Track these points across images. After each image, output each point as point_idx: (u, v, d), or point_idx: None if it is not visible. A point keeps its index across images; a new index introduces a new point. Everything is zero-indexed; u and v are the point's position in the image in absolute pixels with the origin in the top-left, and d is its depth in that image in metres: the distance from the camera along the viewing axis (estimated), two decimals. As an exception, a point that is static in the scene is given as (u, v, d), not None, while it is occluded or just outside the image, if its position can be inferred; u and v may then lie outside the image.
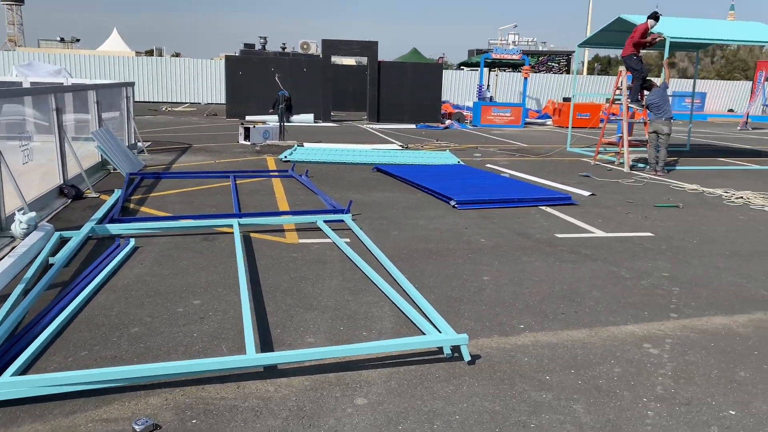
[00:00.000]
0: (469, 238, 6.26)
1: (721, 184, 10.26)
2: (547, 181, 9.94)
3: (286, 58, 24.57)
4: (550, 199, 8.14)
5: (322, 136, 16.54)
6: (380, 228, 6.54)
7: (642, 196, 8.96)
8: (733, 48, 72.92)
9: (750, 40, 12.19)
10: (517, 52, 21.80)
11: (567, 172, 11.16)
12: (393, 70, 22.19)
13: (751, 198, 8.86)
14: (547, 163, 12.28)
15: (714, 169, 12.21)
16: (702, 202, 8.64)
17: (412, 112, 22.25)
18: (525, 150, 14.66)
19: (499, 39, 39.50)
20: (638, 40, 11.28)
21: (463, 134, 18.68)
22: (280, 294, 4.51)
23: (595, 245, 6.15)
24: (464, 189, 8.45)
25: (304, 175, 9.46)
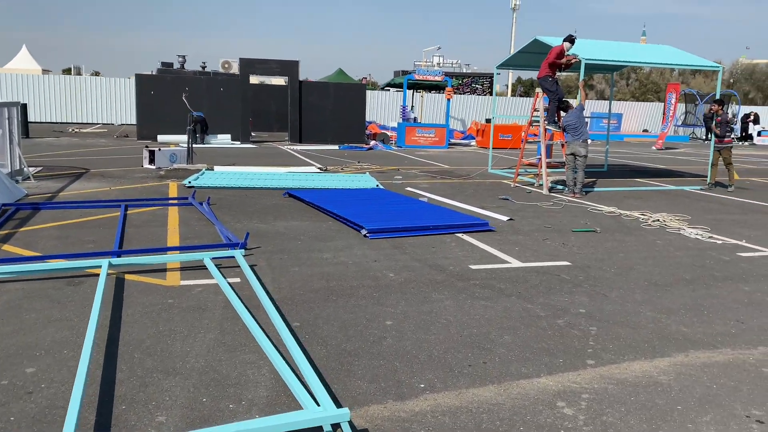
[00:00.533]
0: (376, 273, 5.70)
1: (638, 205, 10.20)
2: (467, 205, 9.58)
3: (202, 78, 23.59)
4: (467, 226, 7.73)
5: (238, 159, 15.71)
6: (279, 264, 5.88)
7: (560, 220, 8.71)
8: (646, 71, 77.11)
9: (660, 62, 12.41)
10: (439, 74, 21.75)
11: (487, 195, 10.87)
12: (315, 90, 21.63)
13: (667, 220, 8.77)
14: (468, 186, 11.97)
15: (631, 190, 12.26)
16: (619, 225, 8.46)
17: (335, 133, 21.75)
18: (447, 172, 14.37)
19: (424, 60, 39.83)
20: (553, 61, 11.21)
21: (386, 155, 18.29)
22: (140, 354, 3.77)
23: (511, 277, 5.72)
24: (378, 216, 7.92)
25: (205, 203, 8.68)
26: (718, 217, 9.36)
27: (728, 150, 12.42)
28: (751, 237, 7.94)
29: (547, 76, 11.37)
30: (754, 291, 5.57)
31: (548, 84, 11.41)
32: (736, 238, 7.81)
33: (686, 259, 6.67)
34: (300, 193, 9.70)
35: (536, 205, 9.90)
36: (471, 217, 8.24)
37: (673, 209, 9.94)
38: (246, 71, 20.83)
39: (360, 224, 7.35)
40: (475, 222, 7.88)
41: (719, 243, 7.52)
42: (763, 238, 7.93)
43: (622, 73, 77.19)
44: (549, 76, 11.37)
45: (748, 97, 62.64)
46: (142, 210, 8.38)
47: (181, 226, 7.42)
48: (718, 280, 5.88)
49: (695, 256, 6.84)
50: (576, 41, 11.35)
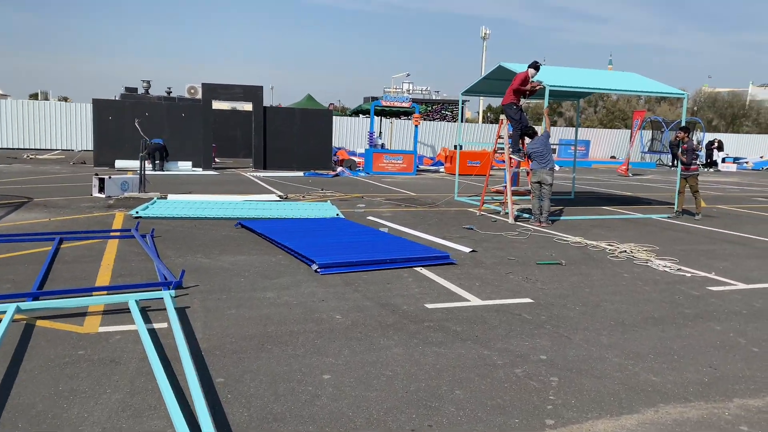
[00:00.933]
0: (322, 314, 5.21)
1: (605, 235, 9.91)
2: (429, 235, 9.16)
3: (163, 103, 23.01)
4: (427, 259, 7.29)
5: (196, 186, 15.13)
6: (214, 305, 5.35)
7: (525, 251, 8.33)
8: (613, 99, 78.68)
9: (626, 89, 12.30)
10: (406, 100, 21.55)
11: (451, 224, 10.48)
12: (280, 116, 21.22)
13: (634, 251, 8.46)
14: (432, 215, 11.58)
15: (598, 218, 12.01)
16: (586, 257, 8.12)
17: (301, 160, 21.30)
18: (412, 200, 13.99)
19: (393, 87, 39.82)
20: (518, 88, 10.98)
21: (352, 182, 17.87)
22: (26, 422, 3.21)
23: (469, 318, 5.28)
24: (333, 248, 7.45)
25: (149, 236, 8.11)
26: (686, 248, 9.10)
27: (694, 178, 12.29)
28: (721, 269, 7.66)
29: (512, 103, 11.12)
30: (726, 330, 5.22)
31: (512, 111, 11.15)
32: (706, 270, 7.51)
33: (655, 295, 6.31)
34: (253, 223, 9.18)
35: (501, 235, 9.53)
36: (432, 249, 7.81)
37: (641, 239, 9.67)
38: (209, 97, 20.34)
39: (311, 258, 6.86)
40: (436, 255, 7.45)
41: (688, 276, 7.21)
42: (733, 270, 7.65)
43: (590, 101, 78.66)
44: (513, 104, 11.13)
45: (712, 125, 64.13)
46: (79, 243, 7.77)
47: (116, 262, 6.84)
48: (689, 319, 5.52)
49: (664, 290, 6.50)
50: (541, 68, 11.16)
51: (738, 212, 13.84)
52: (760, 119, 69.39)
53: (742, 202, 16.02)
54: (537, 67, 11.05)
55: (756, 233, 10.71)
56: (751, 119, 68.99)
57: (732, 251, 8.97)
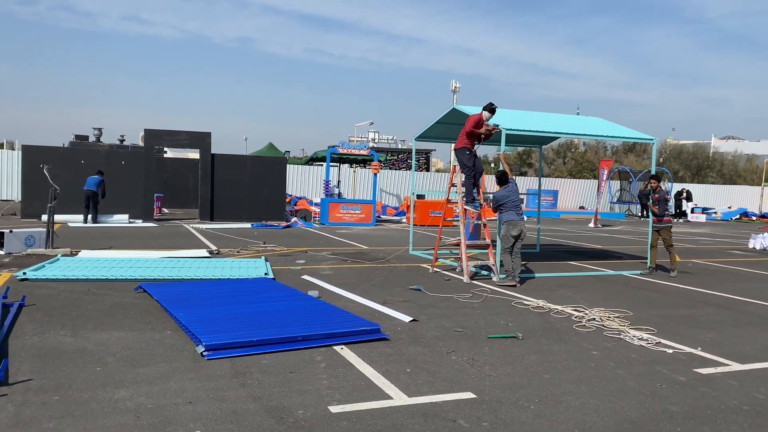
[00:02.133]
0: (177, 428, 3.75)
1: (572, 297, 8.65)
2: (367, 299, 7.78)
3: (101, 150, 21.56)
4: (353, 334, 5.89)
5: (122, 241, 13.58)
6: (32, 414, 3.86)
7: (476, 319, 6.99)
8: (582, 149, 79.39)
9: (590, 134, 11.30)
10: (365, 147, 20.47)
11: (397, 284, 9.13)
12: (230, 164, 19.91)
13: (605, 320, 7.18)
14: (378, 272, 10.22)
15: (565, 276, 10.77)
16: (548, 328, 6.80)
17: (252, 210, 19.91)
18: (361, 254, 12.63)
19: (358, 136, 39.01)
20: (471, 131, 9.87)
21: (303, 234, 16.48)
22: None
23: (385, 428, 3.87)
24: (237, 321, 6.02)
25: (17, 303, 6.58)
26: (664, 313, 7.85)
27: (668, 230, 11.21)
28: (707, 341, 6.40)
29: (465, 148, 9.99)
30: (728, 441, 3.90)
31: (465, 157, 10.01)
32: (689, 344, 6.25)
33: (630, 382, 4.99)
34: (154, 287, 7.69)
35: (452, 299, 8.19)
36: (361, 321, 6.41)
37: (612, 301, 8.43)
38: (152, 143, 18.98)
39: (199, 336, 5.41)
40: (364, 328, 6.05)
41: (669, 353, 5.92)
42: (721, 342, 6.40)
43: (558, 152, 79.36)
44: (466, 148, 10.00)
45: (678, 175, 64.76)
46: None
47: (-56, 344, 5.30)
48: (677, 422, 4.19)
49: (642, 375, 5.18)
50: (497, 111, 10.10)
51: (715, 267, 12.77)
52: (723, 170, 70.52)
53: (717, 256, 15.02)
54: (492, 109, 9.98)
55: (738, 292, 9.56)
56: (715, 170, 70.06)
57: (716, 317, 7.75)
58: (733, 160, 75.59)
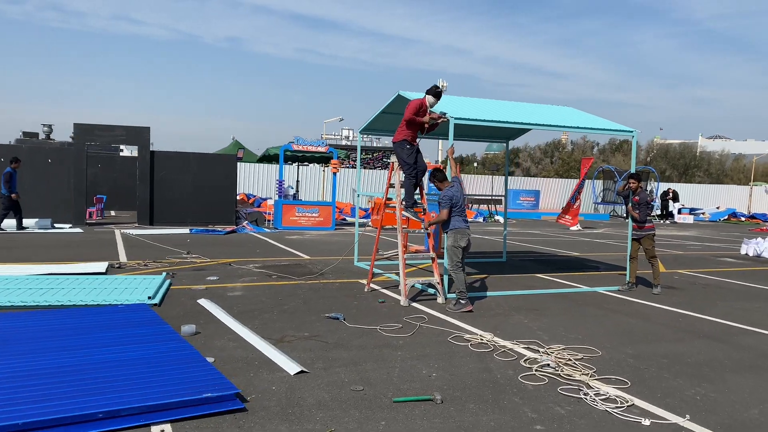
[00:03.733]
0: None
1: (528, 327, 6.90)
2: (258, 337, 5.99)
3: (23, 146, 19.61)
4: (187, 405, 4.08)
5: (26, 251, 11.70)
6: None
7: (391, 367, 5.22)
8: (569, 149, 78.05)
9: (563, 125, 9.57)
10: (322, 144, 18.64)
11: (315, 309, 7.34)
12: (172, 162, 18.01)
13: (564, 365, 5.42)
14: (302, 292, 8.42)
15: (527, 294, 9.02)
16: (483, 380, 5.04)
17: (199, 213, 18.04)
18: (296, 267, 10.82)
19: (324, 133, 37.18)
20: (411, 119, 8.09)
21: (244, 241, 14.65)
22: None
23: None
24: (33, 379, 4.21)
25: None
26: (641, 350, 6.13)
27: (649, 239, 9.50)
28: (697, 402, 4.67)
29: (404, 140, 8.22)
30: None
31: (404, 152, 8.24)
32: (673, 406, 4.51)
33: (583, 492, 3.23)
34: (-28, 322, 5.85)
35: (374, 331, 6.42)
36: (217, 380, 4.59)
37: (579, 332, 6.69)
38: (82, 139, 17.04)
39: (-63, 419, 3.59)
40: (210, 395, 4.22)
41: (646, 425, 4.18)
42: (716, 402, 4.68)
43: (546, 151, 78.03)
44: (406, 141, 8.22)
45: (665, 175, 63.54)
46: None
47: None
48: None
49: (602, 476, 3.43)
50: (442, 95, 8.34)
51: (705, 280, 11.08)
52: (711, 169, 69.55)
53: (706, 265, 13.36)
54: (437, 93, 8.22)
55: (734, 316, 7.86)
56: (702, 170, 69.06)
57: (708, 355, 6.03)
58: (720, 159, 74.66)
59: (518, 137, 12.53)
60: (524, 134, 12.31)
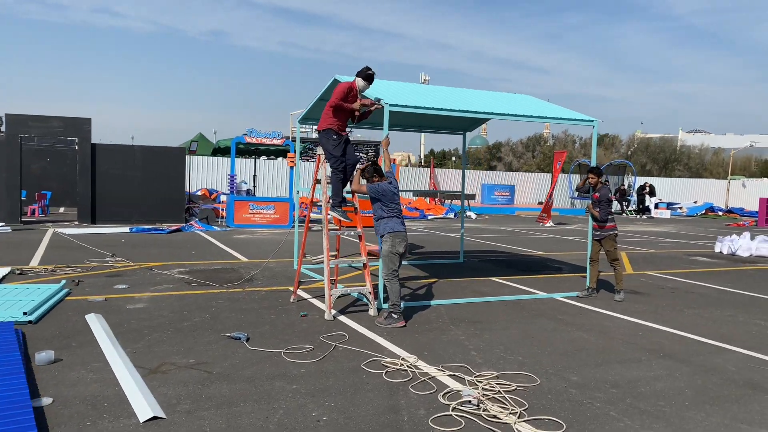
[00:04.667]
0: None
1: (464, 344, 5.93)
2: (129, 365, 4.95)
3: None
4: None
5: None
6: None
7: (273, 409, 4.21)
8: (550, 143, 77.50)
9: (519, 114, 8.60)
10: (278, 136, 17.55)
11: (220, 325, 6.31)
12: (115, 156, 16.83)
13: (491, 401, 4.44)
14: (218, 302, 7.38)
15: (473, 302, 8.06)
16: (384, 423, 4.05)
17: (145, 210, 16.89)
18: (227, 272, 9.78)
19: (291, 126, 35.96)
20: (338, 104, 7.05)
21: (184, 241, 13.55)
22: None
23: None
24: None
25: None
26: (588, 375, 5.19)
27: (611, 239, 8.59)
28: (645, 454, 3.73)
29: (330, 129, 7.18)
30: None
31: (330, 143, 7.20)
32: (614, 464, 3.57)
33: None
34: None
35: (277, 356, 5.41)
36: (39, 428, 3.56)
37: (520, 351, 5.74)
38: (15, 131, 15.79)
39: None
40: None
41: (573, 496, 3.23)
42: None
43: (527, 146, 77.37)
44: (332, 131, 7.19)
45: (646, 169, 63.27)
46: None
47: None
48: None
49: None
50: (374, 78, 7.32)
51: (674, 283, 10.21)
52: (690, 164, 69.50)
53: (678, 265, 12.52)
54: (368, 75, 7.20)
55: (702, 328, 6.96)
56: (682, 164, 68.97)
57: (667, 382, 5.10)
58: (700, 153, 74.63)
59: (475, 128, 11.57)
60: (482, 124, 11.35)
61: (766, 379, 5.26)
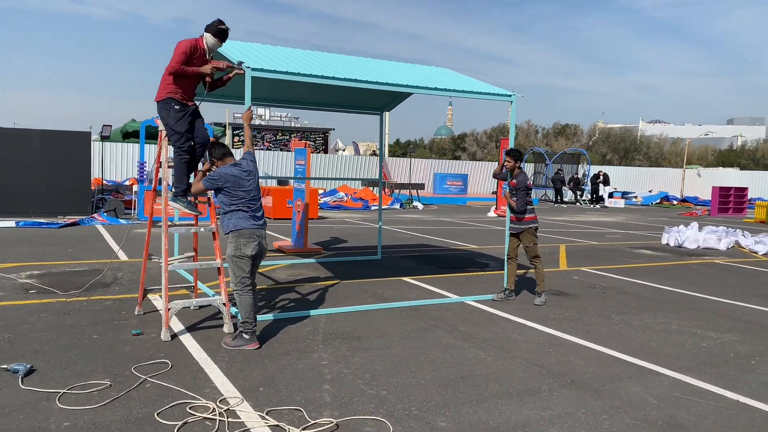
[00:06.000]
0: None
1: (320, 374, 4.60)
2: None
3: None
4: None
5: None
6: None
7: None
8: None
9: (423, 86, 7.27)
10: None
11: (16, 351, 4.85)
12: (9, 141, 15.02)
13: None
14: (38, 317, 5.90)
15: (366, 310, 6.74)
16: None
17: (46, 200, 15.16)
18: (84, 275, 8.24)
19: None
20: (178, 68, 5.58)
21: (74, 236, 11.92)
22: None
23: None
24: None
25: None
26: (464, 418, 3.90)
27: (530, 234, 7.36)
28: None
29: (170, 99, 5.72)
30: None
31: (171, 115, 5.72)
32: None
33: None
34: None
35: (48, 398, 4.00)
36: None
37: (390, 380, 4.44)
38: None
39: None
40: None
41: None
42: None
43: (491, 136, 76.62)
44: (173, 100, 5.72)
45: (606, 159, 63.14)
46: None
47: None
48: None
49: None
50: (227, 35, 5.88)
51: (610, 281, 9.07)
52: (650, 153, 69.78)
53: (619, 259, 11.42)
54: (219, 31, 5.75)
55: (626, 343, 5.77)
56: (642, 153, 69.20)
57: (565, 427, 3.85)
58: (659, 143, 75.05)
59: (393, 106, 10.22)
60: (401, 101, 10.01)
61: (691, 417, 4.06)
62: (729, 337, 6.13)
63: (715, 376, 4.91)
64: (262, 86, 8.17)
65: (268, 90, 9.03)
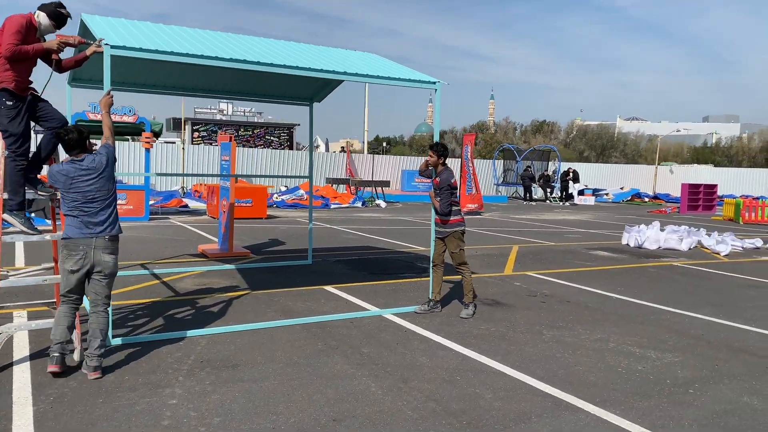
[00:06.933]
0: None
1: (173, 422, 3.70)
2: None
3: None
4: None
5: None
6: None
7: None
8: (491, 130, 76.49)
9: (337, 71, 6.40)
10: (130, 113, 14.91)
11: None
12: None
13: None
14: None
15: (261, 328, 5.84)
16: None
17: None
18: None
19: (208, 107, 33.20)
20: (14, 50, 4.62)
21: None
22: None
23: None
24: None
25: None
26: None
27: (455, 238, 6.53)
28: None
29: (2, 90, 4.75)
30: None
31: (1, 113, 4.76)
32: None
33: None
34: None
35: None
36: None
37: (243, 427, 3.58)
38: None
39: None
40: None
41: None
42: None
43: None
44: (5, 91, 4.75)
45: (583, 155, 62.90)
46: None
47: None
48: None
49: None
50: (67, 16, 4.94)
51: (554, 288, 8.26)
52: (626, 150, 69.73)
53: (571, 262, 10.66)
54: (58, 15, 4.84)
55: (549, 367, 4.95)
56: (619, 150, 69.11)
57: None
58: (635, 140, 75.05)
59: (323, 97, 9.32)
60: (331, 90, 9.14)
61: (601, 477, 3.24)
62: (670, 357, 5.35)
63: (642, 413, 4.10)
64: (161, 70, 7.24)
65: (168, 75, 8.11)
